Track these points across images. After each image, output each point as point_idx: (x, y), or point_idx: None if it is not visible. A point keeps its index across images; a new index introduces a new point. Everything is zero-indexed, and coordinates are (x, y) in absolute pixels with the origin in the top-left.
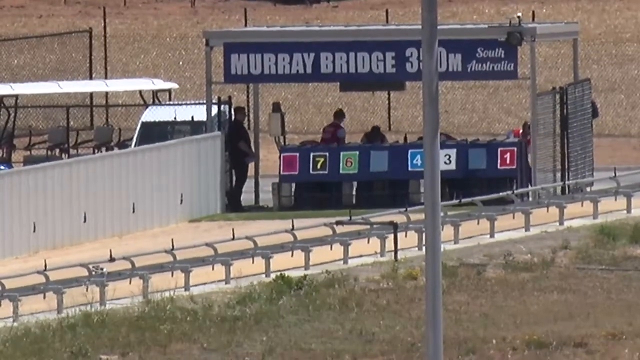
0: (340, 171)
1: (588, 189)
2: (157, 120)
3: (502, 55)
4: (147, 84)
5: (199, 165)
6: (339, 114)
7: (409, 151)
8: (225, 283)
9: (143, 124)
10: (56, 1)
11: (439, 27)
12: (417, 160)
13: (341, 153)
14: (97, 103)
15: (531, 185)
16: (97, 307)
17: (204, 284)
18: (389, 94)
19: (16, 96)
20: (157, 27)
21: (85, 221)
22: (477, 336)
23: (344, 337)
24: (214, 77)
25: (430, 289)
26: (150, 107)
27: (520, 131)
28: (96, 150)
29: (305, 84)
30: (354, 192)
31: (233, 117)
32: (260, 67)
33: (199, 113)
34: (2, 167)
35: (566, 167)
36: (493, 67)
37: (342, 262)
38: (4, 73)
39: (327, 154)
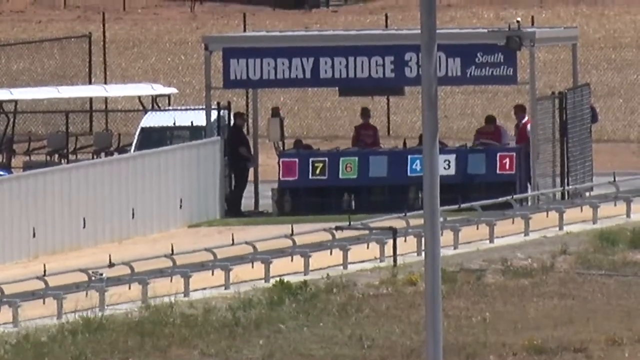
0: (340, 176)
1: (587, 194)
2: (156, 125)
3: (502, 60)
4: (146, 89)
5: (198, 171)
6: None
7: (408, 156)
8: (225, 288)
9: (142, 129)
10: (55, 6)
11: (438, 31)
12: (416, 165)
13: (340, 158)
14: (96, 108)
15: (531, 190)
16: (96, 313)
17: (204, 289)
18: (388, 99)
19: (15, 101)
20: (156, 32)
21: (84, 226)
22: (476, 341)
23: (343, 342)
24: (213, 82)
25: (430, 294)
26: (149, 113)
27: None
28: (95, 156)
29: (305, 89)
30: (353, 198)
31: (233, 122)
32: (260, 72)
33: (199, 118)
34: (1, 173)
35: (565, 172)
36: (492, 72)
37: (341, 267)
38: (3, 78)
39: (326, 159)
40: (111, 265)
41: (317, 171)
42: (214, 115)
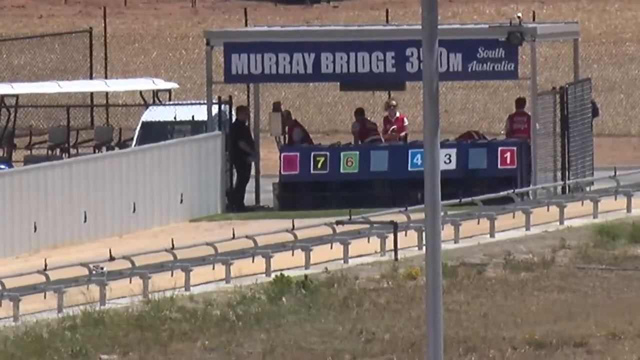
0: (341, 171)
1: (588, 188)
2: (157, 120)
3: (503, 55)
4: (147, 84)
5: (200, 165)
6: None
7: (409, 151)
8: (226, 282)
9: (143, 123)
10: (57, 1)
11: (439, 27)
12: (417, 159)
13: (341, 153)
14: (97, 103)
15: (532, 185)
16: (97, 307)
17: (205, 283)
18: (389, 94)
19: (17, 96)
20: (157, 27)
21: (85, 221)
22: (477, 335)
23: (344, 336)
24: (215, 77)
25: (431, 288)
26: (150, 107)
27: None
28: (97, 150)
29: (306, 84)
30: (353, 192)
31: (235, 117)
32: (261, 67)
33: (200, 113)
34: (2, 167)
35: (566, 166)
36: (493, 67)
37: (342, 261)
38: (4, 73)
39: (327, 153)
40: (112, 259)
41: (319, 165)
42: (215, 109)
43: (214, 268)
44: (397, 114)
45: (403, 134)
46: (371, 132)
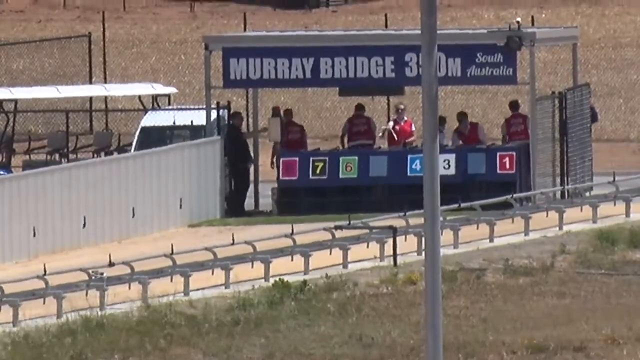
0: (340, 176)
1: (587, 193)
2: (156, 124)
3: (502, 60)
4: (146, 89)
5: (199, 170)
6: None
7: (408, 156)
8: (225, 288)
9: (142, 128)
10: (55, 6)
11: (438, 32)
12: (416, 165)
13: (340, 158)
14: (96, 108)
15: (531, 190)
16: (96, 312)
17: (204, 288)
18: (388, 99)
19: (15, 100)
20: (156, 32)
21: (84, 226)
22: (476, 340)
23: (343, 341)
24: (213, 81)
25: (430, 293)
26: (149, 112)
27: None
28: (96, 155)
29: (305, 89)
30: (352, 197)
31: (231, 123)
32: (260, 71)
33: (199, 118)
34: (1, 172)
35: (565, 171)
36: (492, 72)
37: (341, 266)
38: (3, 77)
39: (326, 158)
40: (111, 264)
41: (317, 171)
42: (213, 114)
43: (213, 273)
44: (405, 118)
45: (411, 139)
46: (358, 135)
